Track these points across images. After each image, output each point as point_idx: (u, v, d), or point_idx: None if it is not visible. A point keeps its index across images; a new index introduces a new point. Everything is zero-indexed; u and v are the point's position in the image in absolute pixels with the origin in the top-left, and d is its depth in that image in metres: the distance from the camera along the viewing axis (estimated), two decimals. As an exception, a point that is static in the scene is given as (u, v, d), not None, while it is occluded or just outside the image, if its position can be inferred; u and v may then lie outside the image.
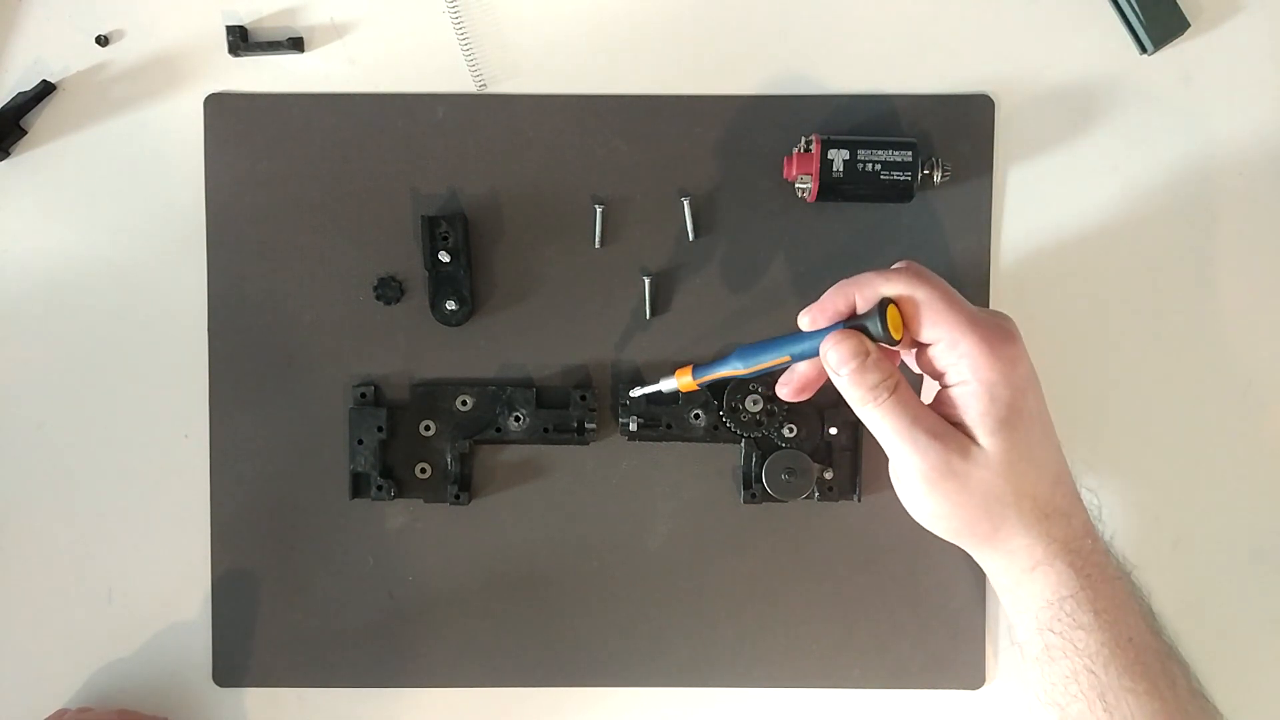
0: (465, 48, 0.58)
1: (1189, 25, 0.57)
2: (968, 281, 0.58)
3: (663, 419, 0.57)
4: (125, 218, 0.58)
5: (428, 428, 0.57)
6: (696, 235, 0.58)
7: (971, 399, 0.47)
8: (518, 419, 0.57)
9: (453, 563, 0.58)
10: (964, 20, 0.58)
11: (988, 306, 0.58)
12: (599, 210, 0.57)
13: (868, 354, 0.48)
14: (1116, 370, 0.59)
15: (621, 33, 0.58)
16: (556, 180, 0.58)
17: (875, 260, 0.58)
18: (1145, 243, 0.59)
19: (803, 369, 0.51)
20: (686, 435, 0.57)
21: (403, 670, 0.59)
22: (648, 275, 0.58)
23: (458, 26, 0.58)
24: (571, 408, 0.57)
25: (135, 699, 0.59)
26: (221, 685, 0.59)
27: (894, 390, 0.48)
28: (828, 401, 0.58)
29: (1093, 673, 0.47)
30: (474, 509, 0.58)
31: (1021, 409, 0.47)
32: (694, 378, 0.53)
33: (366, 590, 0.58)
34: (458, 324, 0.57)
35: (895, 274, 0.49)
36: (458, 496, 0.57)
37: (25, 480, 0.58)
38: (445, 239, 0.56)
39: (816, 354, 0.49)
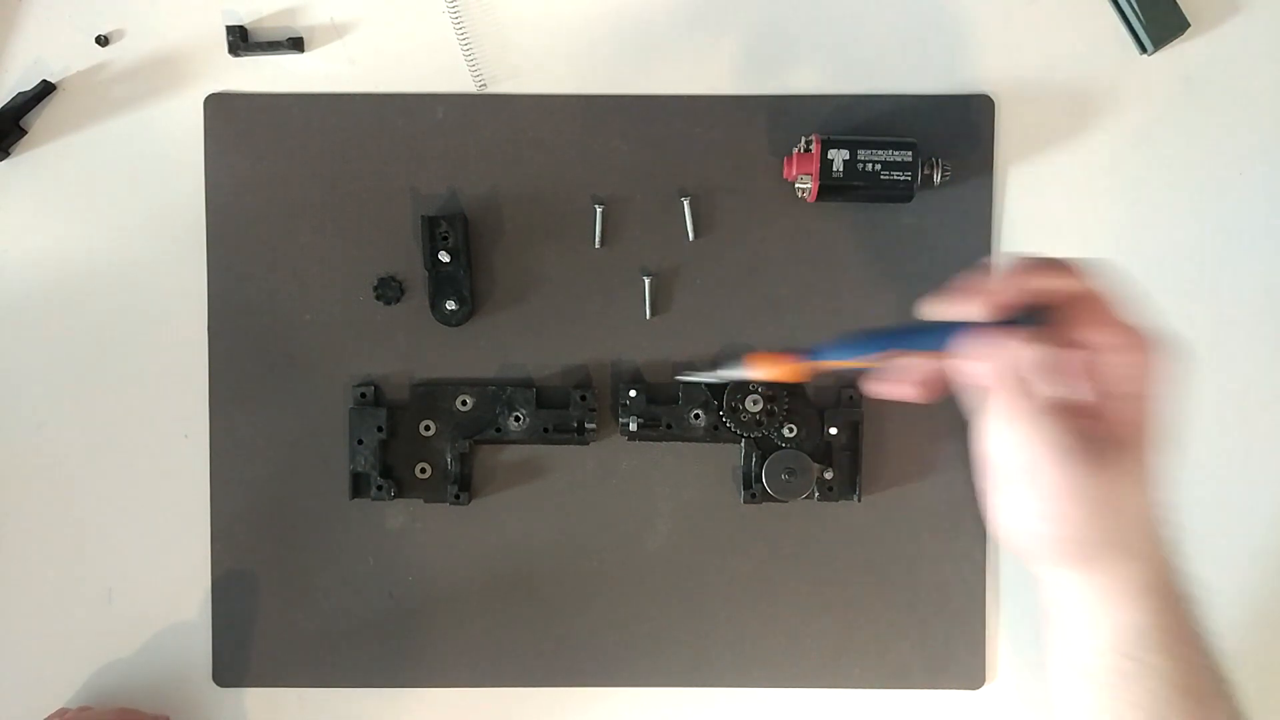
0: (465, 48, 0.58)
1: (1189, 25, 0.57)
2: (968, 281, 0.58)
3: (663, 419, 0.57)
4: (125, 218, 0.58)
5: (428, 428, 0.57)
6: (696, 235, 0.58)
7: (1135, 411, 0.44)
8: (518, 419, 0.57)
9: (453, 563, 0.58)
10: (964, 20, 0.58)
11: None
12: (599, 210, 0.57)
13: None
14: (1116, 370, 0.59)
15: (621, 33, 0.58)
16: (556, 180, 0.58)
17: (875, 260, 0.58)
18: (1145, 242, 0.59)
19: (932, 365, 0.45)
20: (686, 435, 0.57)
21: (403, 670, 0.59)
22: (648, 275, 0.58)
23: (458, 26, 0.58)
24: (571, 408, 0.57)
25: (135, 699, 0.59)
26: (221, 685, 0.59)
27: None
28: (827, 401, 0.58)
29: (1165, 700, 0.46)
30: (474, 509, 0.58)
31: (1166, 430, 0.45)
32: (811, 359, 0.45)
33: (366, 590, 0.58)
34: (458, 324, 0.57)
35: (1062, 267, 0.44)
36: (458, 496, 0.57)
37: (25, 480, 0.58)
38: (445, 239, 0.56)
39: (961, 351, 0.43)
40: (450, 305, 0.57)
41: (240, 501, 0.58)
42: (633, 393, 0.56)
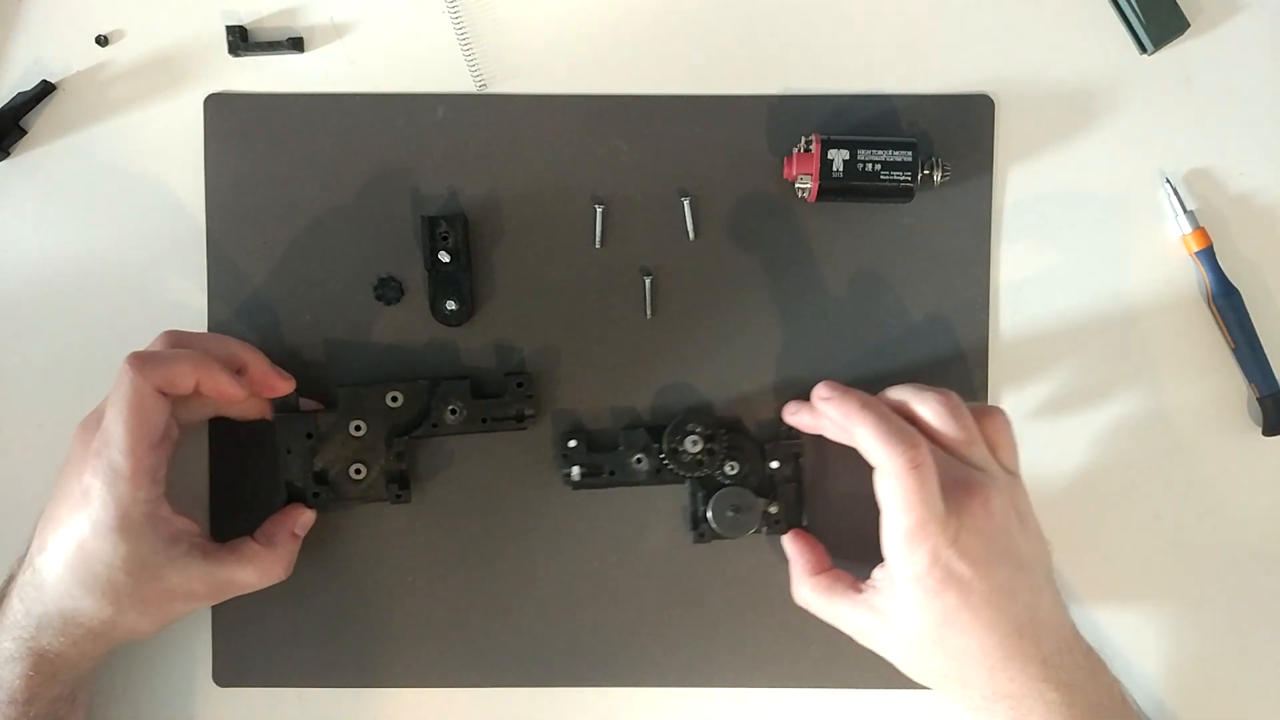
0: (465, 48, 0.58)
1: (1189, 25, 0.57)
2: (967, 282, 0.58)
3: (605, 466, 0.56)
4: (125, 218, 0.58)
5: (358, 428, 0.55)
6: (696, 235, 0.58)
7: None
8: (454, 411, 0.56)
9: (453, 563, 0.58)
10: (964, 20, 0.58)
11: (986, 308, 0.58)
12: (599, 210, 0.57)
13: None
14: (1117, 369, 0.59)
15: (621, 33, 0.58)
16: (556, 180, 0.58)
17: (875, 260, 0.58)
18: (1146, 242, 0.59)
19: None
20: (630, 480, 0.56)
21: (403, 670, 0.59)
22: (648, 275, 0.58)
23: (458, 26, 0.58)
24: (508, 395, 0.56)
25: (135, 699, 0.59)
26: (221, 685, 0.59)
27: None
28: (767, 436, 0.57)
29: None
30: (473, 509, 0.58)
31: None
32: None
33: (366, 590, 0.58)
34: (458, 324, 0.57)
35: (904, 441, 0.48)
36: (399, 495, 0.56)
37: (25, 480, 0.58)
38: (445, 239, 0.56)
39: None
40: (450, 305, 0.57)
41: (240, 502, 0.58)
42: (572, 442, 0.56)
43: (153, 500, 0.49)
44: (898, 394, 0.52)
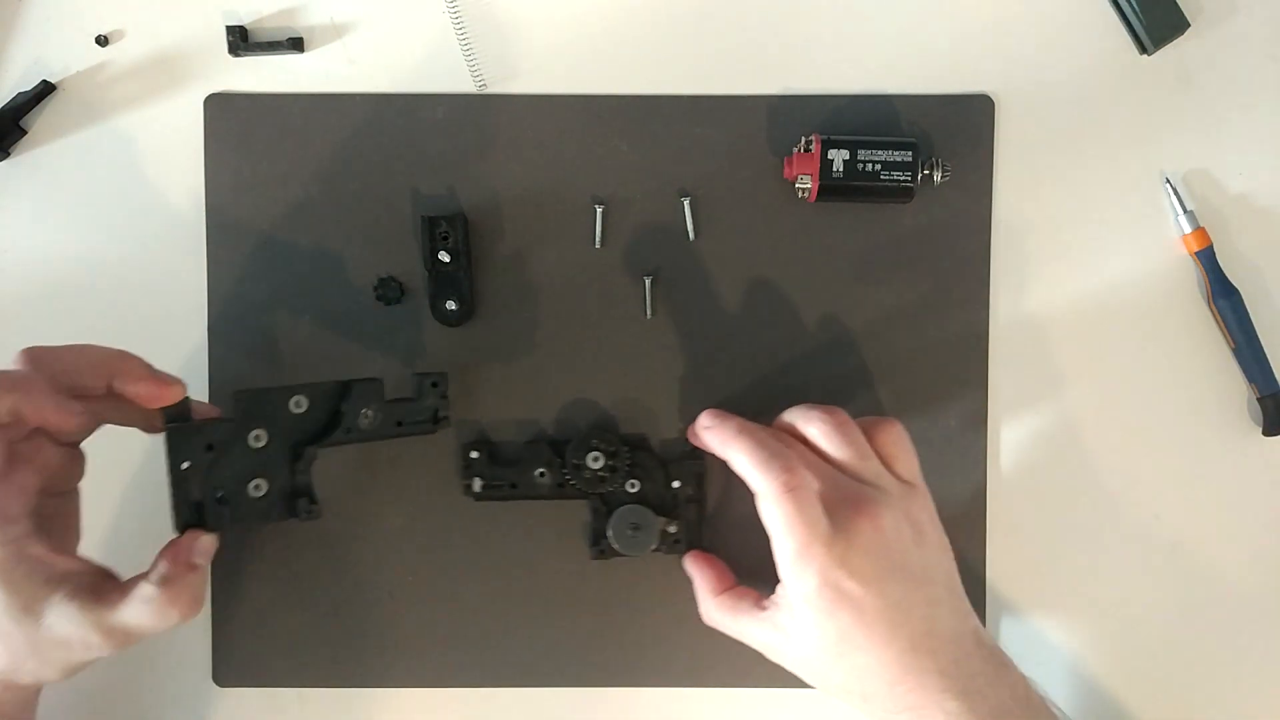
0: (465, 48, 0.58)
1: (1189, 25, 0.57)
2: (968, 282, 0.58)
3: (507, 478, 0.56)
4: (125, 218, 0.58)
5: (258, 438, 0.50)
6: (696, 235, 0.58)
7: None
8: (366, 415, 0.53)
9: (453, 563, 0.58)
10: (964, 20, 0.58)
11: (986, 305, 0.58)
12: (599, 210, 0.57)
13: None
14: (1117, 369, 0.59)
15: (621, 33, 0.58)
16: (556, 180, 0.58)
17: (875, 260, 0.58)
18: (1146, 242, 0.59)
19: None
20: (533, 493, 0.56)
21: (403, 670, 0.59)
22: (648, 275, 0.58)
23: (458, 26, 0.58)
24: (423, 398, 0.54)
25: (135, 699, 0.59)
26: (221, 685, 0.59)
27: None
28: (671, 454, 0.57)
29: None
30: (471, 510, 0.58)
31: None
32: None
33: (366, 590, 0.58)
34: (458, 324, 0.57)
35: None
36: (309, 511, 0.51)
37: (25, 480, 0.58)
38: (445, 239, 0.56)
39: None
40: (450, 305, 0.57)
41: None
42: (474, 454, 0.56)
43: (16, 539, 0.44)
44: (788, 417, 0.52)
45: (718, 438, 0.52)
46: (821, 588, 0.47)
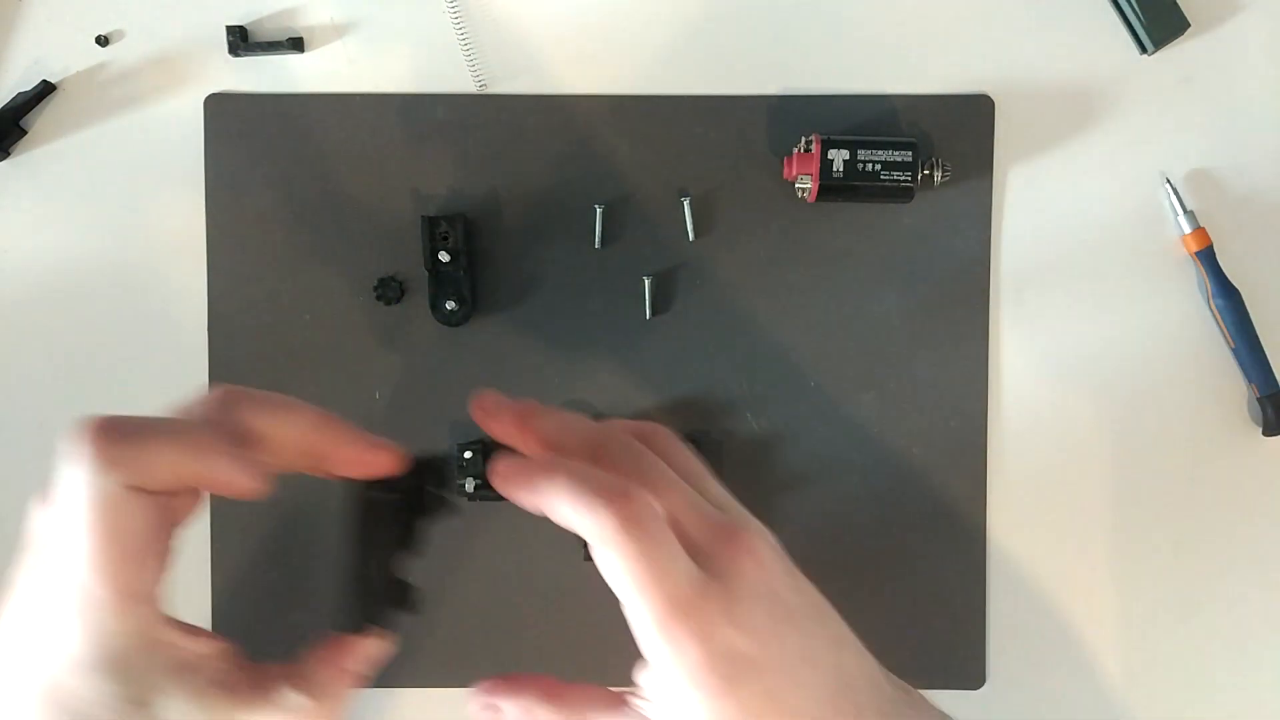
0: (465, 48, 0.58)
1: (1189, 25, 0.57)
2: (968, 282, 0.58)
3: None
4: (125, 218, 0.58)
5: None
6: (696, 235, 0.58)
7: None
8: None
9: (452, 563, 0.58)
10: (964, 20, 0.58)
11: (986, 305, 0.58)
12: (599, 210, 0.57)
13: None
14: (1117, 369, 0.59)
15: (622, 33, 0.58)
16: (556, 180, 0.58)
17: (875, 260, 0.58)
18: (1146, 242, 0.59)
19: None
20: None
21: (402, 670, 0.59)
22: (648, 275, 0.58)
23: (458, 26, 0.58)
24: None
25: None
26: (221, 685, 0.58)
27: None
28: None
29: None
30: (473, 509, 0.58)
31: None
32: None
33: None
34: (458, 324, 0.57)
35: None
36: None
37: (25, 480, 0.58)
38: (445, 239, 0.56)
39: None
40: (450, 305, 0.57)
41: (240, 501, 0.58)
42: (468, 454, 0.56)
43: (144, 621, 0.35)
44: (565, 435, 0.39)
45: (524, 487, 0.37)
46: (708, 660, 0.34)
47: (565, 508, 0.35)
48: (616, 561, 0.35)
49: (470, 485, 0.56)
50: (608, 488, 0.35)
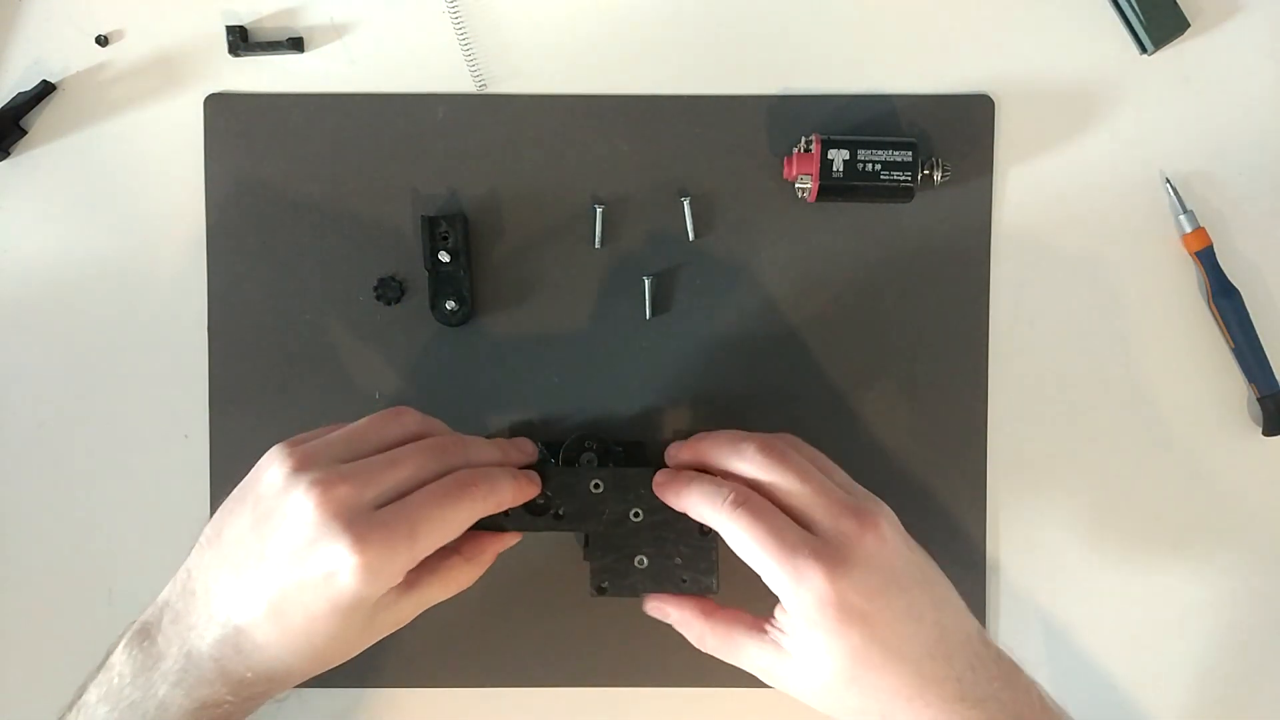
0: (465, 48, 0.58)
1: (1189, 25, 0.57)
2: (967, 282, 0.58)
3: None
4: (125, 218, 0.58)
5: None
6: (696, 235, 0.58)
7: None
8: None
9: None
10: (964, 20, 0.58)
11: (987, 305, 0.58)
12: (599, 210, 0.57)
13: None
14: (1117, 369, 0.59)
15: (621, 33, 0.58)
16: (556, 180, 0.58)
17: (875, 260, 0.58)
18: (1146, 242, 0.59)
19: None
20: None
21: (402, 671, 0.59)
22: (648, 275, 0.58)
23: (458, 26, 0.58)
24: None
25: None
26: (221, 685, 0.59)
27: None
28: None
29: None
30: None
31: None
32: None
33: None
34: (458, 324, 0.57)
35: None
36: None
37: (25, 480, 0.58)
38: (445, 239, 0.56)
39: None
40: (450, 305, 0.57)
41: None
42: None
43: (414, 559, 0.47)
44: (725, 461, 0.50)
45: (670, 492, 0.51)
46: (824, 604, 0.45)
47: (700, 507, 0.48)
48: (739, 533, 0.46)
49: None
50: (727, 490, 0.47)
